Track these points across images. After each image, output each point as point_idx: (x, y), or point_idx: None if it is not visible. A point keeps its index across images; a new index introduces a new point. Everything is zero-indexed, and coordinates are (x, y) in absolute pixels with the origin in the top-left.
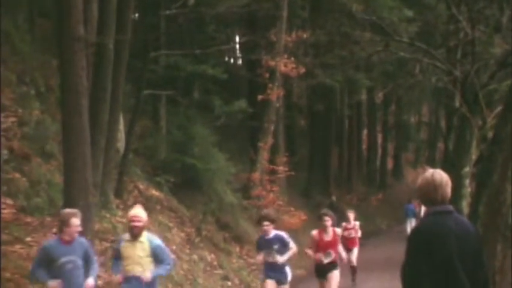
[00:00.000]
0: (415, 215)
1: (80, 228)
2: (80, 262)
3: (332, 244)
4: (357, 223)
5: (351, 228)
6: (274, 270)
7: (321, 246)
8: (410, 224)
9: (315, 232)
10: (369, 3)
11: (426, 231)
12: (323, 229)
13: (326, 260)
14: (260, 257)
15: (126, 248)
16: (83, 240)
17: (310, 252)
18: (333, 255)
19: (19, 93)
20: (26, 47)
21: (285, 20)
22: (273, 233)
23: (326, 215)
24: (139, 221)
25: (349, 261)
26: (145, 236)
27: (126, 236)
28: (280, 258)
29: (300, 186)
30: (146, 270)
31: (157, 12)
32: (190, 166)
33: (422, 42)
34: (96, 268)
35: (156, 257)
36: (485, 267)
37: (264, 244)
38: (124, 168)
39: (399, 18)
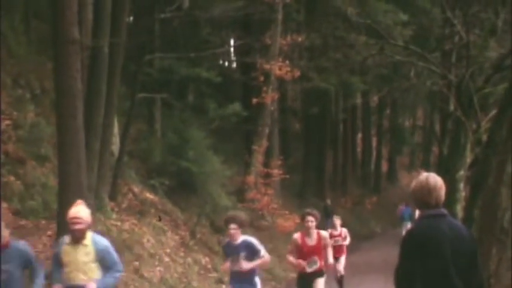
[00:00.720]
0: (411, 218)
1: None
2: (17, 273)
3: (317, 249)
4: (345, 230)
5: (337, 235)
6: (240, 281)
7: (304, 252)
8: (406, 228)
9: (296, 235)
10: (363, 6)
11: (420, 234)
12: (306, 231)
13: (310, 269)
14: (226, 265)
15: (67, 253)
16: (22, 245)
17: (292, 259)
18: (318, 262)
19: (14, 96)
20: (21, 50)
21: (279, 23)
22: (240, 238)
23: (309, 214)
24: (79, 223)
25: (336, 270)
26: (89, 237)
27: (67, 238)
28: (245, 265)
29: (295, 190)
30: (91, 279)
31: (152, 16)
32: (184, 169)
33: (417, 46)
34: (40, 281)
35: (103, 262)
36: (479, 271)
37: (230, 251)
38: (118, 171)
39: (394, 22)
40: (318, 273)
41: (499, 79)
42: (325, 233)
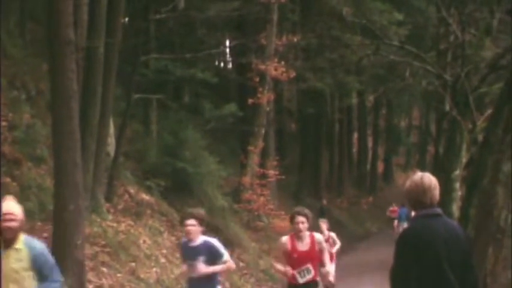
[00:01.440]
0: (408, 218)
1: None
2: None
3: (310, 256)
4: (333, 234)
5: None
6: None
7: (295, 260)
8: (403, 228)
9: (285, 239)
10: (359, 6)
11: (414, 234)
12: (296, 234)
13: (302, 280)
14: (183, 270)
15: None
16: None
17: (279, 267)
18: (312, 272)
19: (10, 98)
20: (16, 52)
21: (275, 23)
22: (200, 239)
23: (300, 214)
24: (13, 220)
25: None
26: (22, 240)
27: None
28: (204, 268)
29: (291, 190)
30: None
31: (147, 16)
32: (180, 170)
33: (413, 46)
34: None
35: (39, 270)
36: (474, 271)
37: (188, 253)
38: (114, 172)
39: (389, 22)
40: (312, 285)
41: (494, 78)
42: (319, 236)
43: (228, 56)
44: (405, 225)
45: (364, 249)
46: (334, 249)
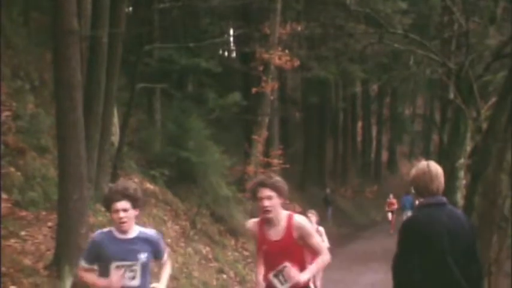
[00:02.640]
0: (413, 207)
1: None
2: None
3: (286, 249)
4: (321, 228)
5: None
6: None
7: (266, 254)
8: (406, 216)
9: (251, 222)
10: None
11: (417, 223)
12: (263, 218)
13: (282, 286)
14: (101, 282)
15: None
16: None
17: (259, 279)
18: (294, 276)
19: (13, 88)
20: (20, 41)
21: (279, 12)
22: (135, 229)
23: (264, 185)
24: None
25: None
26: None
27: None
28: (135, 282)
29: (295, 179)
30: None
31: (151, 6)
32: (185, 159)
33: (417, 34)
34: None
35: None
36: (478, 260)
37: (117, 249)
38: (118, 161)
39: (393, 10)
40: None
41: (498, 67)
42: (301, 218)
43: (232, 45)
44: (409, 213)
45: (368, 238)
46: (325, 243)
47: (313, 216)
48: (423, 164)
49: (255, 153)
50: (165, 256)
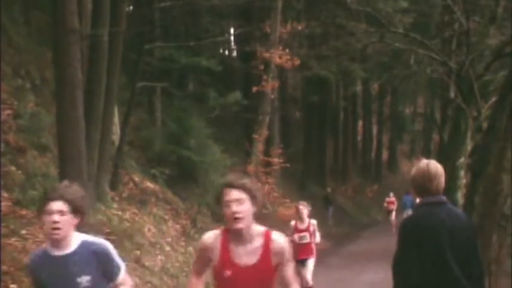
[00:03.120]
0: (413, 206)
1: None
2: None
3: (261, 279)
4: (314, 222)
5: (304, 230)
6: None
7: (231, 284)
8: (407, 215)
9: (210, 236)
10: None
11: (417, 222)
12: (229, 230)
13: None
14: None
15: None
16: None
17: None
18: None
19: (14, 86)
20: (21, 40)
21: (279, 11)
22: (75, 240)
23: (233, 186)
24: None
25: (302, 280)
26: None
27: None
28: None
29: (295, 178)
30: None
31: (152, 5)
32: (185, 158)
33: (417, 33)
34: None
35: None
36: (479, 259)
37: (50, 273)
38: (119, 160)
39: (394, 9)
40: None
41: (499, 66)
42: (280, 239)
43: (232, 44)
44: (410, 212)
45: (368, 237)
46: (316, 239)
47: (304, 208)
48: (423, 163)
49: (255, 152)
50: (121, 275)
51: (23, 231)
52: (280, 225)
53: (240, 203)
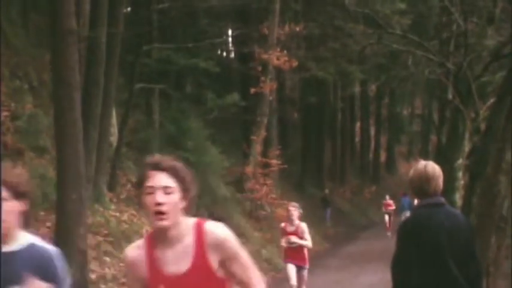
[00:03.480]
0: (411, 207)
1: None
2: None
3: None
4: (303, 225)
5: (292, 233)
6: None
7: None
8: (405, 217)
9: (131, 249)
10: None
11: (416, 224)
12: (152, 233)
13: None
14: None
15: None
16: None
17: None
18: None
19: (12, 88)
20: (19, 42)
21: (277, 12)
22: (22, 238)
23: (158, 167)
24: None
25: None
26: None
27: None
28: None
29: (293, 179)
30: None
31: (150, 6)
32: (183, 159)
33: (415, 35)
34: None
35: None
36: (477, 259)
37: None
38: (117, 162)
39: (392, 11)
40: None
41: (497, 67)
42: (217, 228)
43: (230, 45)
44: (408, 214)
45: (366, 238)
46: (307, 243)
47: (295, 210)
48: (421, 165)
49: (253, 153)
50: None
51: None
52: (278, 226)
53: (166, 192)
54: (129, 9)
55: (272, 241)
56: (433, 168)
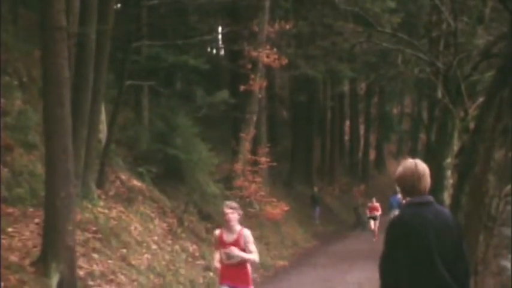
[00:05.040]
0: (400, 206)
1: None
2: None
3: None
4: (247, 233)
5: (231, 244)
6: None
7: None
8: (394, 215)
9: None
10: None
11: (405, 222)
12: None
13: None
14: None
15: None
16: None
17: None
18: None
19: (1, 84)
20: (8, 38)
21: (267, 10)
22: None
23: None
24: None
25: None
26: None
27: None
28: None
29: (282, 177)
30: None
31: (139, 3)
32: (172, 156)
33: (405, 33)
34: None
35: None
36: (465, 258)
37: None
38: (106, 158)
39: (382, 9)
40: None
41: (486, 66)
42: None
43: (220, 42)
44: (397, 212)
45: (355, 237)
46: (252, 257)
47: (233, 212)
48: (411, 162)
49: (242, 151)
50: None
51: (9, 229)
52: (266, 224)
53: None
54: (118, 6)
55: (260, 239)
56: (422, 166)
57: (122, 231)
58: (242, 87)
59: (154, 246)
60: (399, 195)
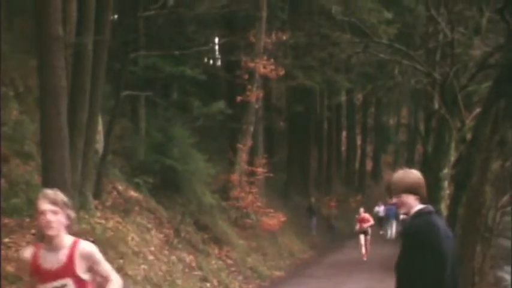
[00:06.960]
0: (397, 217)
1: None
2: None
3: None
4: (89, 246)
5: (53, 274)
6: None
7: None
8: (391, 226)
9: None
10: (348, 4)
11: (422, 230)
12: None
13: None
14: None
15: None
16: None
17: None
18: None
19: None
20: (4, 47)
21: (264, 21)
22: None
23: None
24: None
25: None
26: None
27: None
28: None
29: (279, 188)
30: None
31: (136, 13)
32: (169, 167)
33: (402, 44)
34: None
35: None
36: (457, 268)
37: None
38: (103, 169)
39: (378, 20)
40: None
41: (483, 77)
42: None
43: (217, 53)
44: (394, 224)
45: (352, 247)
46: None
47: (57, 212)
48: (412, 172)
49: (239, 161)
50: None
51: (6, 240)
52: (263, 235)
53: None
54: (115, 16)
55: (257, 250)
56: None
57: (118, 242)
58: (239, 98)
59: (151, 257)
60: (394, 206)
